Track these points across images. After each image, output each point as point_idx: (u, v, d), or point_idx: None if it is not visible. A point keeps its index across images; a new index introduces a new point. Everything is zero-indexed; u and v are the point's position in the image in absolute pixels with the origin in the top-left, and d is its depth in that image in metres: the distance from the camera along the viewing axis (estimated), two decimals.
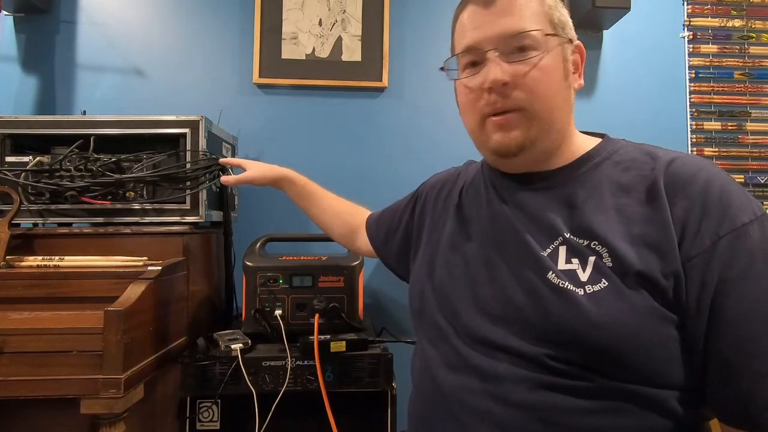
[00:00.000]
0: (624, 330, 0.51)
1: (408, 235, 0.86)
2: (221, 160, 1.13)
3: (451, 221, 0.74)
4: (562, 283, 0.55)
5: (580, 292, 0.54)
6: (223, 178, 1.07)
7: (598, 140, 0.66)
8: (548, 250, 0.58)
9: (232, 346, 1.04)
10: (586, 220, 0.57)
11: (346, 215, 1.08)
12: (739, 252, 0.51)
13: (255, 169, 1.07)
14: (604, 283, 0.53)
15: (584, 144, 0.65)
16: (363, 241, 1.02)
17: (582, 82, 0.64)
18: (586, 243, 0.56)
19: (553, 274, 0.56)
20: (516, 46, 0.59)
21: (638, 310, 0.52)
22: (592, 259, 0.55)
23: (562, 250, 0.57)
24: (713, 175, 0.55)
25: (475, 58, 0.62)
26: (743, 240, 0.51)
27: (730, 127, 1.73)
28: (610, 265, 0.54)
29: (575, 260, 0.56)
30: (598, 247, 0.55)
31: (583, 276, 0.55)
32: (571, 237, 0.58)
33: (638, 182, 0.57)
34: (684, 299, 0.52)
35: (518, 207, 0.64)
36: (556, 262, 0.57)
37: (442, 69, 0.67)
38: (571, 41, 0.63)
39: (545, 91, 0.59)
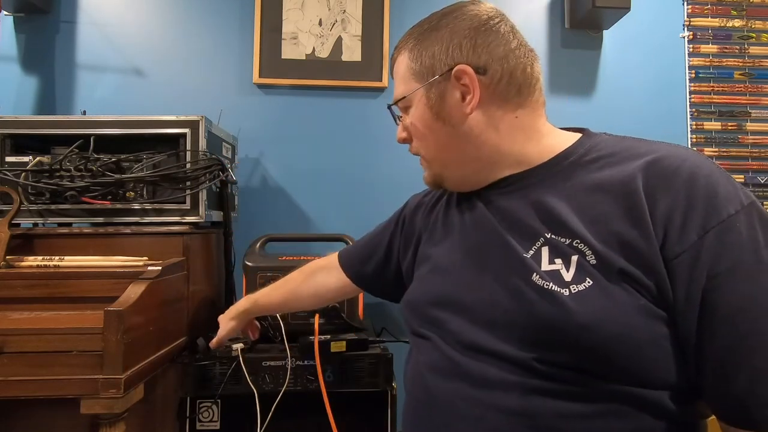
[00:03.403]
0: (612, 328, 0.50)
1: (389, 254, 0.85)
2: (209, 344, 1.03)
3: (434, 232, 0.74)
4: (546, 285, 0.54)
5: (565, 292, 0.53)
6: (212, 344, 1.01)
7: (578, 136, 0.65)
8: (531, 252, 0.58)
9: (233, 346, 1.04)
10: (563, 219, 0.57)
11: (319, 285, 0.99)
12: (727, 245, 0.49)
13: (223, 326, 1.00)
14: (589, 282, 0.52)
15: (560, 142, 0.64)
16: (346, 288, 0.96)
17: (474, 103, 0.62)
18: (568, 242, 0.56)
19: (537, 276, 0.55)
20: (401, 110, 0.70)
21: (625, 307, 0.51)
22: (575, 258, 0.54)
23: (545, 251, 0.57)
24: (697, 167, 0.53)
25: None
26: (730, 233, 0.49)
27: (730, 127, 1.73)
28: (594, 262, 0.53)
29: (558, 260, 0.55)
30: (581, 245, 0.54)
31: (567, 276, 0.54)
32: (553, 237, 0.57)
33: (613, 179, 0.56)
34: (671, 296, 0.51)
35: (498, 210, 0.64)
36: (539, 264, 0.56)
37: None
38: (443, 74, 0.63)
39: (422, 140, 0.68)
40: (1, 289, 0.96)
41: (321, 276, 0.97)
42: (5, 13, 1.54)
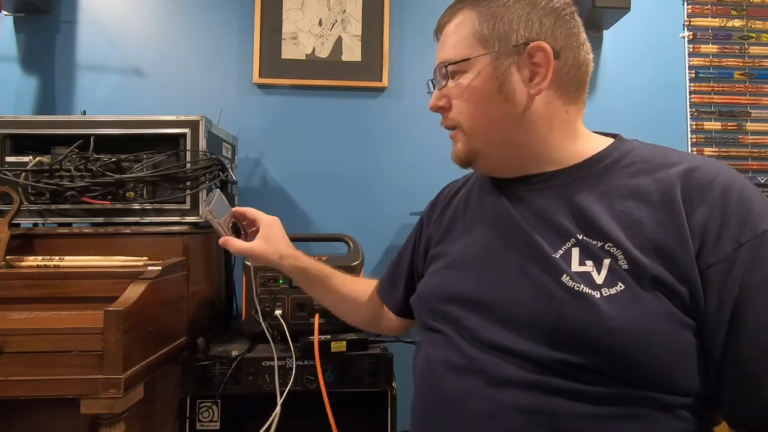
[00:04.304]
0: (641, 334, 0.50)
1: (412, 270, 0.83)
2: (234, 209, 0.87)
3: (452, 227, 0.73)
4: (577, 286, 0.54)
5: (597, 295, 0.52)
6: (223, 241, 0.82)
7: (610, 140, 0.65)
8: (560, 252, 0.57)
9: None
10: (597, 222, 0.56)
11: (369, 297, 0.92)
12: (761, 259, 0.50)
13: (265, 241, 0.83)
14: (621, 287, 0.52)
15: (594, 145, 0.63)
16: (388, 316, 0.90)
17: (544, 85, 0.60)
18: (600, 245, 0.55)
19: (568, 277, 0.55)
20: (447, 73, 0.64)
21: (656, 314, 0.51)
22: (606, 261, 0.54)
23: (575, 252, 0.56)
24: (731, 181, 0.53)
25: None
26: (764, 247, 0.50)
27: (730, 127, 1.73)
28: (626, 267, 0.53)
29: (589, 262, 0.55)
30: (613, 249, 0.54)
31: (599, 279, 0.53)
32: (585, 238, 0.56)
33: (650, 186, 0.56)
34: (702, 306, 0.51)
35: (526, 208, 0.63)
36: (569, 264, 0.56)
37: None
38: (518, 47, 0.60)
39: (473, 111, 0.63)
40: (1, 289, 0.96)
41: (365, 286, 0.92)
42: (5, 13, 1.54)
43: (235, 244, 0.82)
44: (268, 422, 0.97)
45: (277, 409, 0.99)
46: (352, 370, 1.07)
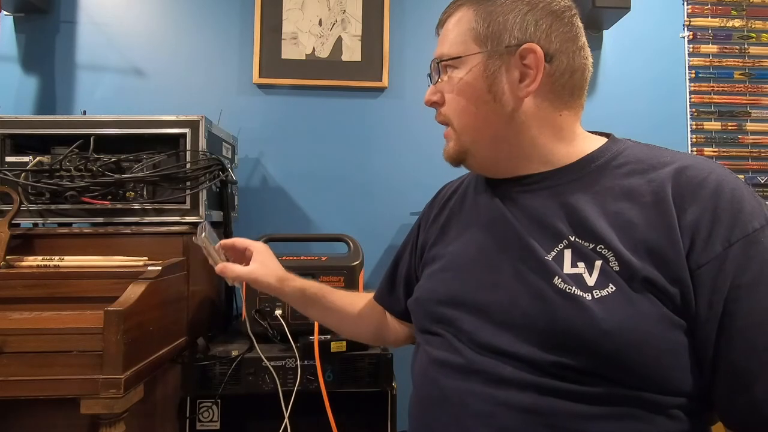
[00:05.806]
0: (633, 336, 0.50)
1: (413, 271, 0.81)
2: (223, 241, 0.85)
3: (447, 229, 0.73)
4: (569, 288, 0.54)
5: (588, 297, 0.53)
6: (221, 268, 0.80)
7: (604, 140, 0.64)
8: (553, 254, 0.57)
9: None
10: (590, 223, 0.56)
11: (371, 308, 0.88)
12: (752, 258, 0.50)
13: (262, 265, 0.82)
14: (612, 288, 0.52)
15: (587, 145, 0.63)
16: (393, 326, 0.87)
17: (532, 88, 0.59)
18: (592, 246, 0.55)
19: (560, 279, 0.55)
20: (440, 68, 0.65)
21: (647, 315, 0.51)
22: (598, 263, 0.54)
23: (568, 254, 0.56)
24: (723, 180, 0.53)
25: None
26: (755, 246, 0.50)
27: (730, 127, 1.73)
28: (617, 269, 0.53)
29: (581, 264, 0.55)
30: (605, 251, 0.54)
31: (590, 280, 0.54)
32: (577, 240, 0.56)
33: (642, 186, 0.56)
34: (694, 306, 0.51)
35: (519, 209, 0.63)
36: (561, 266, 0.56)
37: None
38: (510, 47, 0.59)
39: (462, 108, 0.63)
40: (1, 289, 0.96)
41: (366, 299, 0.88)
42: (5, 13, 1.54)
43: (234, 269, 0.80)
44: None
45: (286, 419, 0.99)
46: (352, 370, 1.07)
